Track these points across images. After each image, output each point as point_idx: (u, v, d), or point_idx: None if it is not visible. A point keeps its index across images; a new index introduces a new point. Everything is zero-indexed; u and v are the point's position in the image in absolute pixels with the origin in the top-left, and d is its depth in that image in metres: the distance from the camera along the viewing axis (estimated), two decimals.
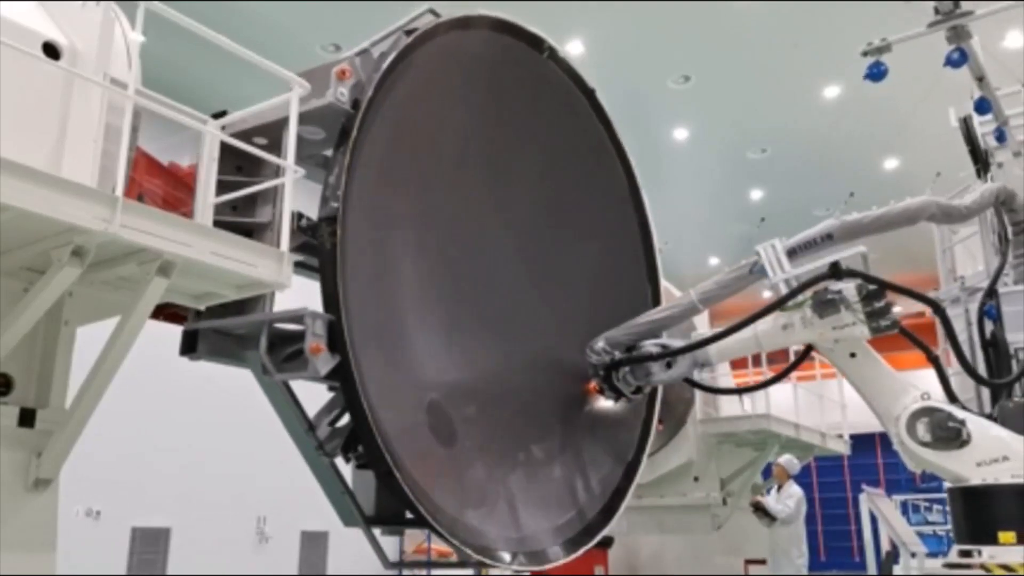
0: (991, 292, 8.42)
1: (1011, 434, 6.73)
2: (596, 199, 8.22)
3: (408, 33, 5.99)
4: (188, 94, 5.98)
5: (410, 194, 6.47)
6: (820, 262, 6.87)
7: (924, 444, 6.78)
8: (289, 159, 4.69)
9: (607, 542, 10.87)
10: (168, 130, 4.54)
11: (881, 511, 11.48)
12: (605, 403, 7.71)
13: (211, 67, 15.43)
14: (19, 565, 4.08)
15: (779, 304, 6.89)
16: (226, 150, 4.92)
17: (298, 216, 5.43)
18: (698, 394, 11.20)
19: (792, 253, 6.93)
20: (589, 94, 8.12)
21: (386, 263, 6.20)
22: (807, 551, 11.37)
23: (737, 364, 12.85)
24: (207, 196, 4.69)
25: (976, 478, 6.64)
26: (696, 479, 11.17)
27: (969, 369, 7.32)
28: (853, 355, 7.00)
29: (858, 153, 19.73)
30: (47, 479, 4.21)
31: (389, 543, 6.59)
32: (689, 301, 7.16)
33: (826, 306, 6.77)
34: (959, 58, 8.82)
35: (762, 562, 11.15)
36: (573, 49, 15.76)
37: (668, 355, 7.19)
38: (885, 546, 16.01)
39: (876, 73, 9.37)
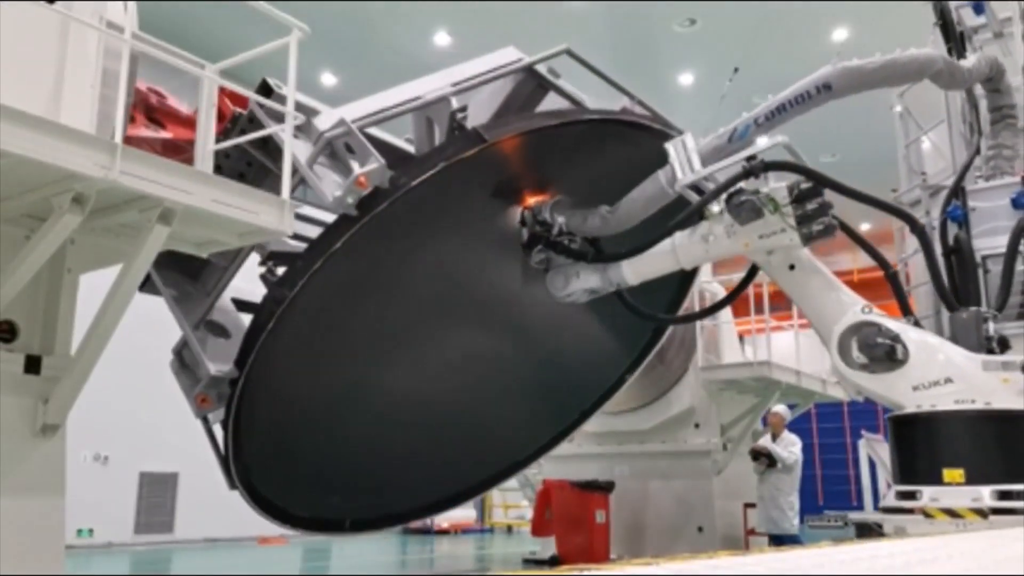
0: (957, 190, 7.24)
1: (959, 351, 5.68)
2: None
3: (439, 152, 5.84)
4: (186, 41, 5.91)
5: (367, 299, 6.54)
6: (735, 158, 5.86)
7: (861, 367, 5.81)
8: (289, 105, 4.64)
9: (609, 487, 11.03)
10: (166, 77, 4.48)
11: (879, 456, 11.58)
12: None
13: (210, 13, 15.23)
14: (28, 509, 4.14)
15: (690, 217, 5.99)
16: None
17: (270, 270, 5.85)
18: (700, 342, 11.26)
19: (773, 116, 6.04)
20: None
21: (316, 343, 6.41)
22: (798, 497, 11.53)
23: (738, 311, 12.86)
24: (207, 143, 4.65)
25: (910, 404, 5.64)
26: (697, 425, 11.27)
27: (944, 293, 6.23)
28: (792, 267, 6.13)
29: (865, 97, 19.54)
30: (54, 425, 4.25)
31: None
32: (657, 186, 6.22)
33: (742, 210, 5.78)
34: None
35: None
36: None
37: (579, 255, 6.61)
38: (883, 490, 16.23)
39: None
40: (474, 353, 7.56)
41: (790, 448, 11.14)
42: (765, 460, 11.10)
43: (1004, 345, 5.83)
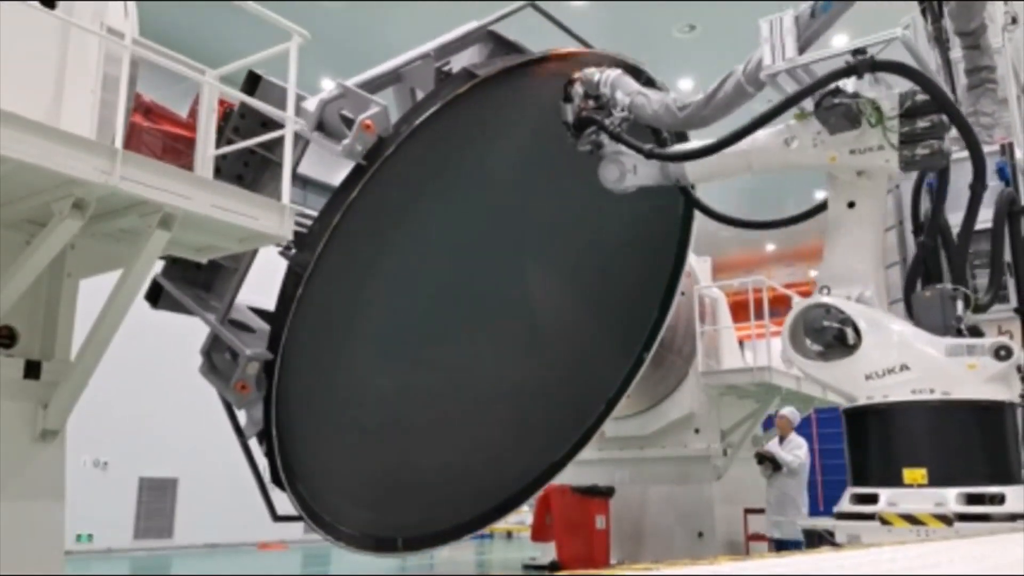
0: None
1: (920, 334, 4.90)
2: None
3: (448, 75, 5.99)
4: (186, 46, 5.92)
5: (389, 255, 6.53)
6: (841, 49, 5.00)
7: (816, 355, 5.12)
8: (289, 110, 4.65)
9: (609, 492, 11.01)
10: (165, 82, 4.49)
11: None
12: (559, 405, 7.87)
13: (210, 18, 15.25)
14: (28, 514, 4.14)
15: (779, 111, 5.12)
16: (248, 113, 5.13)
17: (287, 247, 5.67)
18: (700, 347, 11.24)
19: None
20: None
21: (341, 315, 6.35)
22: (807, 500, 11.49)
23: (738, 317, 12.86)
24: (207, 148, 4.65)
25: (861, 396, 4.91)
26: (697, 431, 11.25)
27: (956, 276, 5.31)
28: (852, 205, 5.24)
29: None
30: (54, 430, 4.25)
31: None
32: (735, 81, 5.71)
33: (832, 114, 4.84)
34: None
35: (761, 511, 11.28)
36: None
37: (651, 155, 5.79)
38: None
39: None
40: (483, 354, 7.51)
41: (795, 452, 11.12)
42: (770, 464, 11.08)
43: (976, 335, 5.16)
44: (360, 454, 6.78)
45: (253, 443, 6.10)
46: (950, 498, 4.58)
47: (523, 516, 20.69)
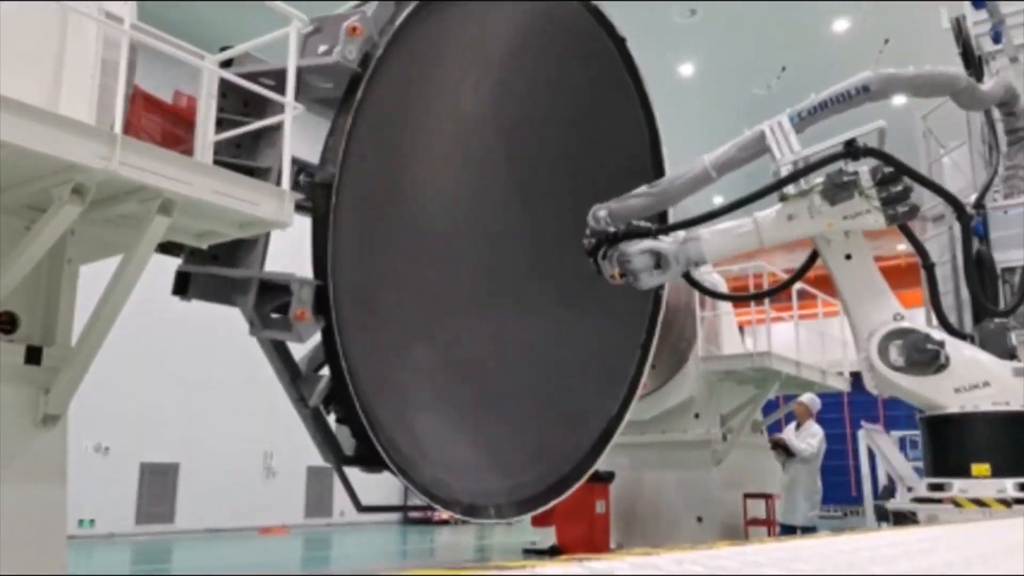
0: (979, 207, 7.78)
1: (991, 358, 6.25)
2: (617, 151, 8.08)
3: None
4: (186, 29, 5.90)
5: (409, 161, 6.45)
6: (833, 141, 6.18)
7: (896, 368, 6.24)
8: (288, 96, 4.63)
9: (608, 477, 11.05)
10: (166, 66, 4.47)
11: (879, 447, 11.60)
12: (597, 355, 7.73)
13: (209, 3, 15.18)
14: (30, 499, 4.16)
15: (788, 181, 6.20)
16: (232, 88, 4.89)
17: (298, 171, 5.45)
18: (700, 332, 11.27)
19: (815, 112, 6.27)
20: (620, 42, 7.91)
21: (377, 230, 6.23)
22: (821, 487, 11.56)
23: (739, 303, 12.88)
24: (207, 133, 4.64)
25: (954, 405, 6.15)
26: (697, 416, 11.28)
27: (975, 289, 6.81)
28: (849, 257, 6.45)
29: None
30: (55, 415, 4.26)
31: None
32: (702, 168, 6.38)
33: (840, 190, 6.08)
34: None
35: (760, 496, 11.33)
36: None
37: (658, 231, 6.56)
38: (883, 481, 16.26)
39: None
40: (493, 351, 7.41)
41: (808, 440, 11.16)
42: (783, 451, 11.13)
43: (1013, 356, 6.44)
44: (427, 404, 6.54)
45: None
46: (1009, 486, 5.87)
47: None
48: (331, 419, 5.90)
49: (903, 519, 6.61)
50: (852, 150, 6.05)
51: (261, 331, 5.37)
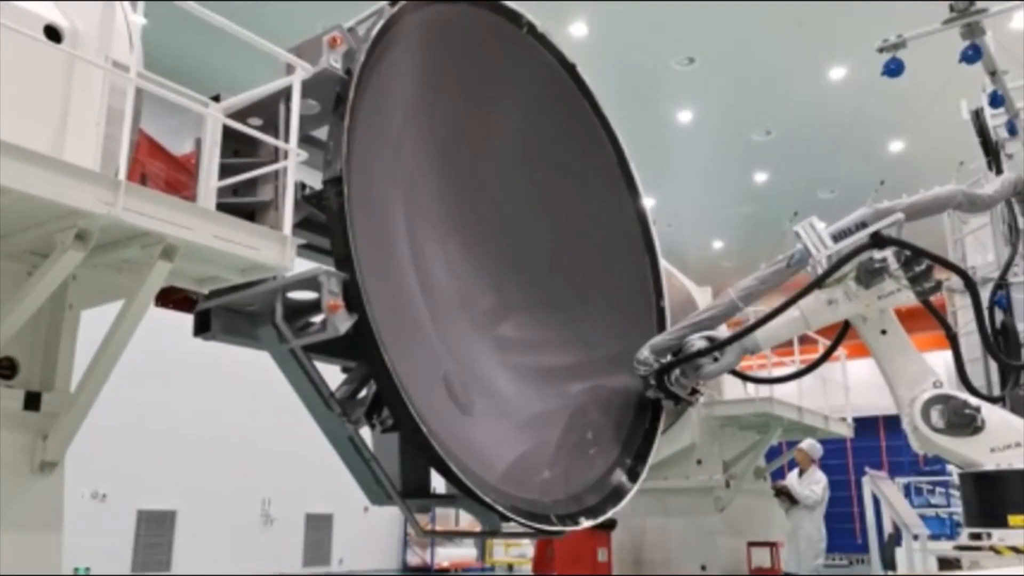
0: (1002, 282, 8.60)
1: (1021, 420, 6.98)
2: (585, 172, 8.17)
3: (392, 3, 5.97)
4: (190, 77, 5.97)
5: (404, 158, 6.51)
6: (854, 237, 6.97)
7: (937, 430, 6.94)
8: (292, 141, 4.68)
9: (610, 524, 10.92)
10: (170, 113, 4.52)
11: (884, 493, 11.48)
12: (621, 379, 7.67)
13: (213, 50, 15.41)
14: (25, 547, 4.10)
15: (825, 276, 6.96)
16: (224, 134, 4.90)
17: (300, 187, 5.41)
18: None
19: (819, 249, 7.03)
20: (571, 69, 7.90)
21: (389, 223, 6.21)
22: (826, 535, 11.41)
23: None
24: (209, 179, 4.67)
25: (990, 463, 6.85)
26: (699, 462, 11.19)
27: (991, 348, 7.68)
28: (884, 332, 7.21)
29: (863, 135, 19.65)
30: (53, 462, 4.22)
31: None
32: (729, 300, 7.21)
33: (873, 275, 6.87)
34: (974, 55, 9.01)
35: (765, 544, 11.18)
36: (577, 31, 15.70)
37: (716, 347, 7.26)
38: (888, 528, 16.05)
39: (894, 70, 9.61)
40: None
41: (812, 487, 11.04)
42: (786, 498, 11.02)
43: None
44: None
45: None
46: None
47: (524, 549, 20.54)
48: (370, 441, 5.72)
49: (948, 565, 7.44)
50: (877, 240, 6.83)
51: (294, 339, 5.23)
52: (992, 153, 9.64)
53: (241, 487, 17.94)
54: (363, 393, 5.68)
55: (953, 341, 7.44)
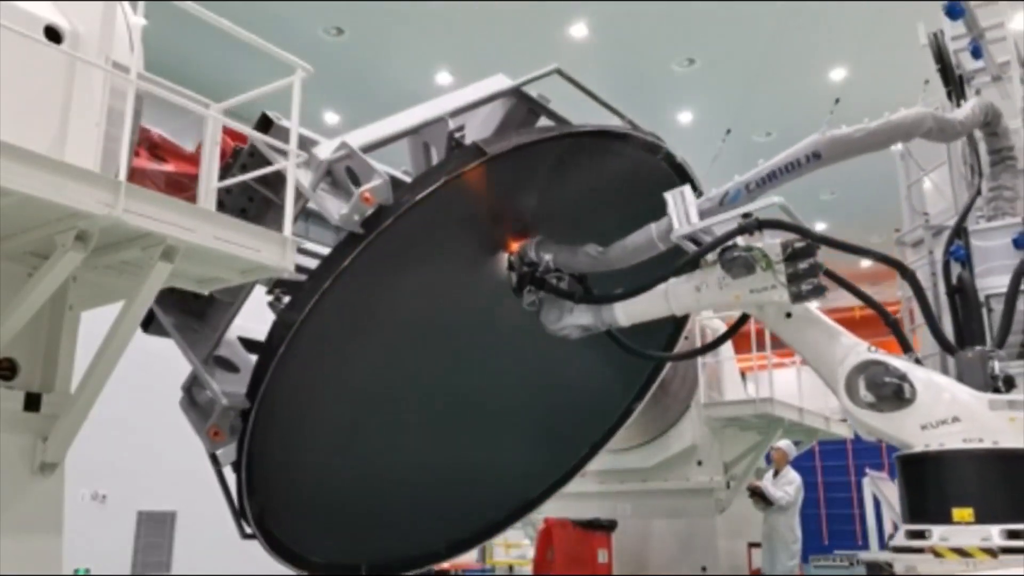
0: (959, 231, 7.16)
1: (966, 390, 5.66)
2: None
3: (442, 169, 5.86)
4: (191, 79, 5.98)
5: (369, 331, 6.56)
6: (734, 212, 5.96)
7: (869, 406, 5.78)
8: (292, 144, 4.68)
9: (611, 525, 10.92)
10: (170, 115, 4.53)
11: (884, 494, 11.46)
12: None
13: (214, 52, 15.39)
14: (25, 548, 4.10)
15: (684, 266, 6.12)
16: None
17: (277, 298, 5.96)
18: (702, 378, 11.23)
19: (764, 183, 6.03)
20: None
21: (323, 362, 6.34)
22: (801, 536, 11.39)
23: (740, 348, 12.83)
24: (210, 180, 4.68)
25: (919, 444, 5.61)
26: (699, 463, 11.18)
27: (939, 336, 6.23)
28: (788, 315, 6.16)
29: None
30: (53, 463, 4.23)
31: None
32: (647, 236, 6.30)
33: (734, 265, 5.87)
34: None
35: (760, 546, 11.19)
36: (577, 32, 15.67)
37: (580, 300, 6.63)
38: (888, 529, 16.05)
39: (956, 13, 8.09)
40: (480, 387, 7.50)
41: (785, 488, 11.04)
42: (760, 499, 11.01)
43: (1010, 384, 5.75)
44: (332, 486, 6.84)
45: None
46: (994, 534, 5.21)
47: (524, 550, 20.52)
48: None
49: (878, 571, 6.17)
50: (747, 224, 5.87)
51: (186, 408, 6.02)
52: (953, 84, 8.13)
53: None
54: None
55: (894, 327, 6.18)
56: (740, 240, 6.00)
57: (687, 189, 6.21)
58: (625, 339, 7.16)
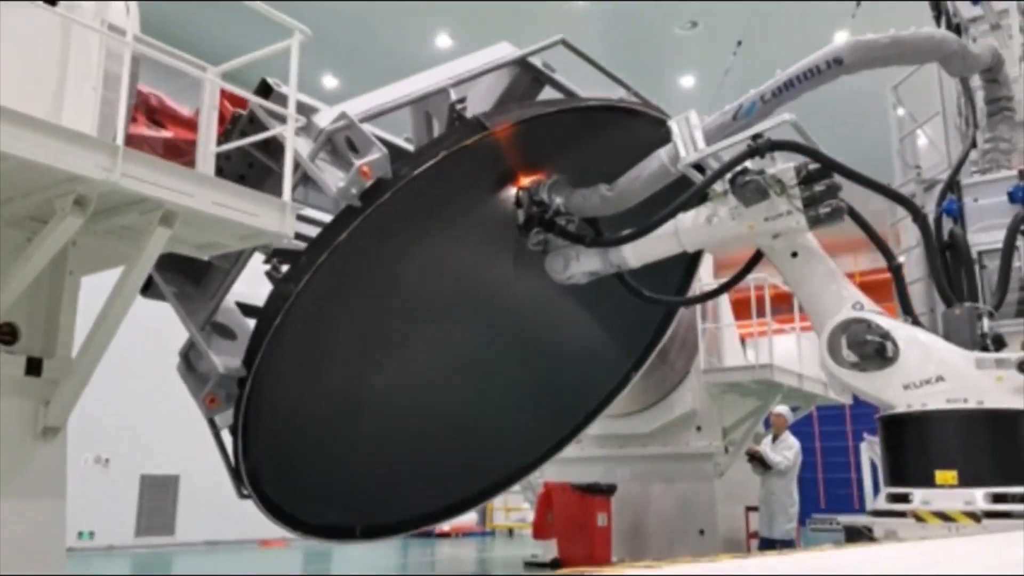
0: (952, 184, 6.94)
1: (951, 349, 5.43)
2: None
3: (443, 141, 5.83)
4: (188, 44, 5.92)
5: (366, 300, 6.56)
6: (742, 136, 5.60)
7: (852, 366, 5.58)
8: (291, 107, 4.65)
9: (610, 490, 11.01)
10: (167, 80, 4.49)
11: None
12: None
13: (212, 16, 15.25)
14: (29, 512, 4.14)
15: (697, 192, 5.77)
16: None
17: (275, 267, 6.01)
18: (702, 344, 11.25)
19: (781, 91, 5.79)
20: None
21: (319, 333, 6.39)
22: (798, 500, 11.49)
23: (740, 314, 12.85)
24: (208, 145, 4.65)
25: (901, 404, 5.40)
26: (699, 428, 11.24)
27: (943, 290, 6.02)
28: (794, 255, 5.88)
29: (866, 102, 19.50)
30: (55, 427, 4.25)
31: None
32: (659, 163, 6.02)
33: (746, 190, 5.51)
34: None
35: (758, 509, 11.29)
36: None
37: (591, 243, 6.41)
38: None
39: None
40: (475, 354, 7.53)
41: (784, 452, 11.11)
42: (759, 463, 11.09)
43: (1000, 343, 5.61)
44: (329, 450, 6.89)
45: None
46: (978, 497, 5.08)
47: (524, 514, 20.73)
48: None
49: (857, 535, 5.89)
50: (758, 146, 5.46)
51: (184, 373, 5.98)
52: (950, 30, 7.65)
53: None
54: None
55: (896, 273, 5.95)
56: (752, 165, 5.69)
57: (692, 114, 5.89)
58: (634, 283, 6.97)
